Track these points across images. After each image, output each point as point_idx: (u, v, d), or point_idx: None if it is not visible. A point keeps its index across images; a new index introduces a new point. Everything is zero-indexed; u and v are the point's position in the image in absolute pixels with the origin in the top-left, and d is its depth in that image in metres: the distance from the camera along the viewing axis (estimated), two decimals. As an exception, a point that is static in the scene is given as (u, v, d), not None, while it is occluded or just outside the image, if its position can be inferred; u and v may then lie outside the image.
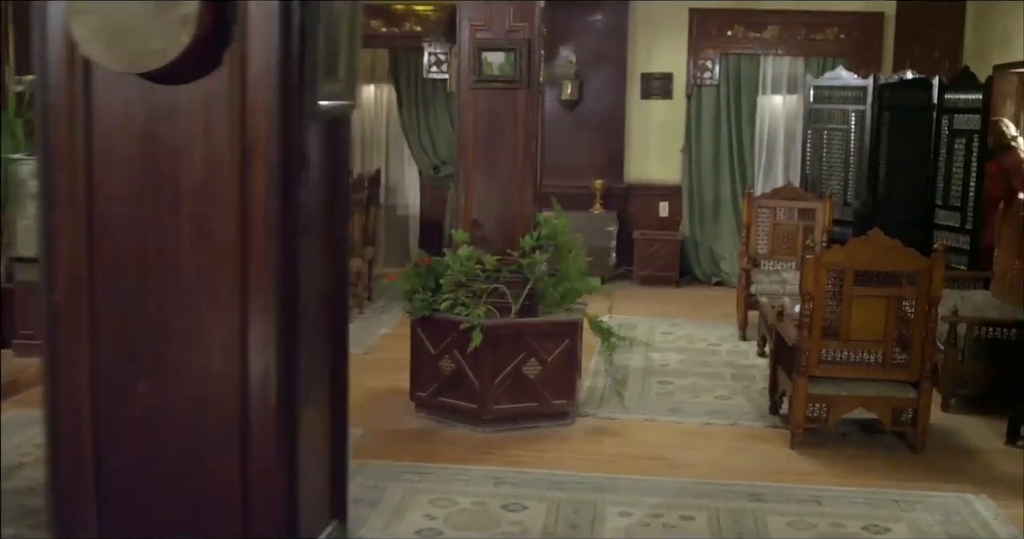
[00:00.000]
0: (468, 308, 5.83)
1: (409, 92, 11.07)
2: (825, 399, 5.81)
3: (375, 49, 11.20)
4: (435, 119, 11.11)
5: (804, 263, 5.69)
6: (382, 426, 6.22)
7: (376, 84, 11.37)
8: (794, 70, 10.62)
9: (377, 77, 11.32)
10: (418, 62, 11.06)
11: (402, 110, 11.18)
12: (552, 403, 6.13)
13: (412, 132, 11.11)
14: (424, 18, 10.99)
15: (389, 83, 11.27)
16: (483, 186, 6.13)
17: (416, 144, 11.13)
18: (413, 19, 10.83)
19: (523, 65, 5.94)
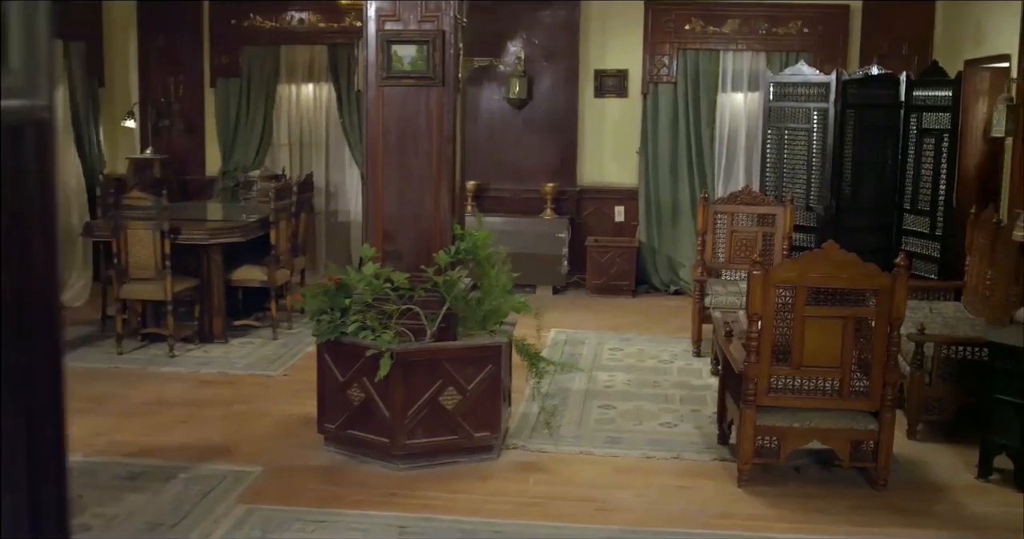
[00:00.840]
0: (374, 332, 5.19)
1: (349, 92, 10.43)
2: (776, 431, 5.20)
3: (314, 46, 10.57)
4: (377, 119, 10.44)
5: (750, 280, 5.07)
6: (284, 462, 5.58)
7: (315, 83, 10.73)
8: (756, 66, 10.03)
9: (315, 76, 10.68)
10: (359, 60, 10.40)
11: (342, 111, 10.53)
12: (473, 436, 5.50)
13: (353, 134, 10.47)
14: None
15: (328, 82, 10.60)
16: (394, 195, 5.50)
17: (357, 146, 10.48)
18: (353, 14, 10.17)
19: (437, 59, 5.31)
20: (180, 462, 5.54)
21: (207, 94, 10.88)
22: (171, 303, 7.65)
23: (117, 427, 6.14)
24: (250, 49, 10.63)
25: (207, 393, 6.86)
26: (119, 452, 5.70)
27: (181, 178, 10.92)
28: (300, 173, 10.32)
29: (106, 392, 6.85)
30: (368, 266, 5.29)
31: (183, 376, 7.25)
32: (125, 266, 7.62)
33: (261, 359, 7.67)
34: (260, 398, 6.75)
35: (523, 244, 10.07)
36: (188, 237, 7.71)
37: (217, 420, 6.29)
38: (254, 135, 10.72)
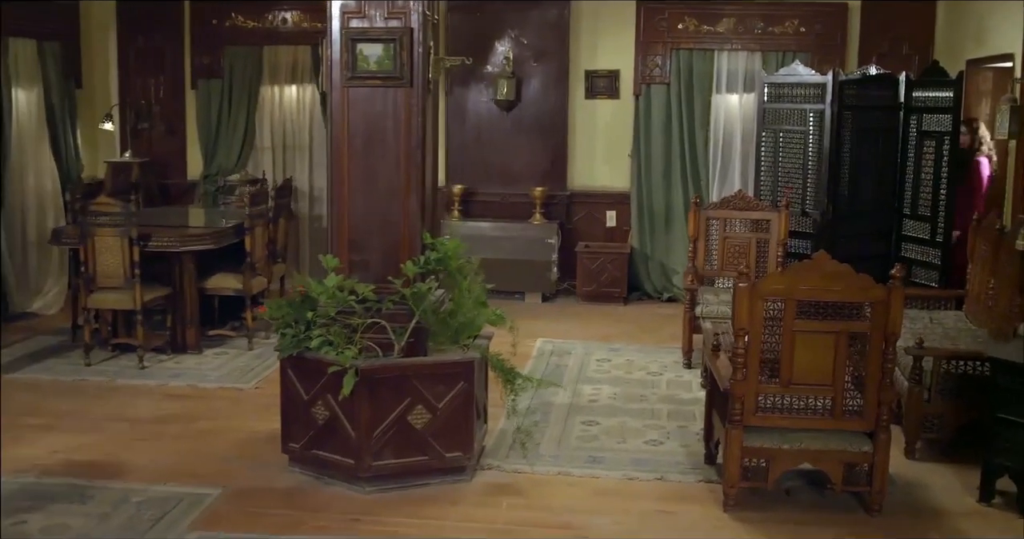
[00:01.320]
0: (337, 348, 4.89)
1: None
2: (764, 453, 4.90)
3: (297, 46, 10.27)
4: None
5: (736, 292, 4.76)
6: (246, 483, 5.29)
7: (298, 84, 10.42)
8: (751, 66, 9.71)
9: (299, 77, 10.37)
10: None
11: (326, 112, 10.18)
12: (445, 457, 5.20)
13: (337, 136, 10.13)
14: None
15: (312, 83, 10.30)
16: (360, 201, 5.21)
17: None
18: (338, 13, 9.84)
19: (405, 59, 5.01)
20: (136, 483, 5.25)
21: (188, 96, 10.58)
22: (140, 313, 7.36)
23: (75, 445, 5.85)
24: (232, 49, 10.33)
25: (173, 408, 6.56)
26: (73, 472, 5.41)
27: (162, 182, 10.62)
28: (283, 177, 10.02)
29: (69, 407, 6.56)
30: (330, 278, 5.00)
31: (151, 389, 6.95)
32: (93, 274, 7.32)
33: (233, 371, 7.37)
34: (227, 413, 6.45)
35: (512, 250, 9.81)
36: (158, 244, 7.41)
37: (179, 437, 6.00)
38: (236, 138, 10.42)
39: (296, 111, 10.49)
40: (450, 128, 10.14)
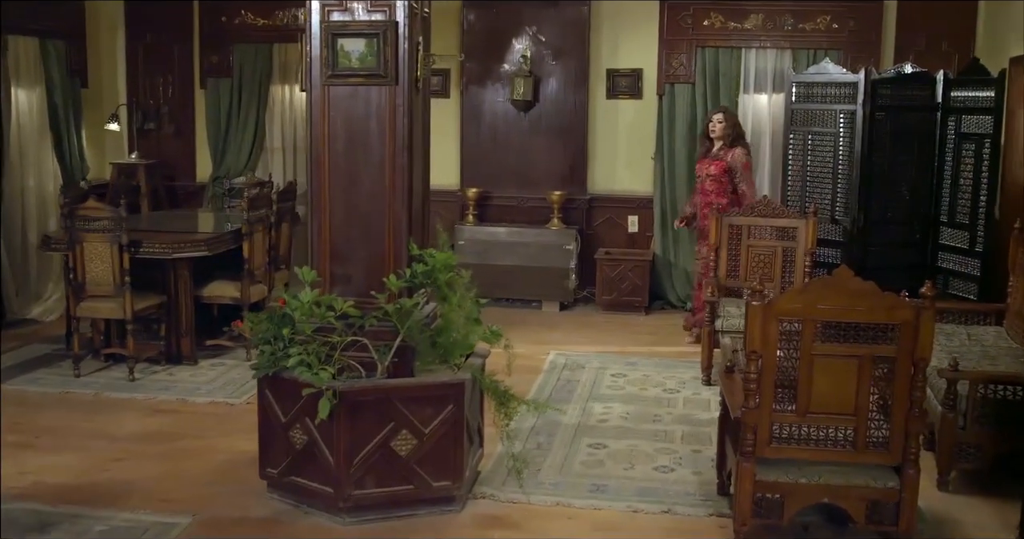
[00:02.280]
0: (311, 368, 4.50)
1: (346, 92, 9.74)
2: (779, 488, 4.45)
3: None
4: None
5: (748, 312, 4.33)
6: (220, 511, 4.93)
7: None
8: (781, 65, 9.24)
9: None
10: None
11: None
12: (432, 486, 4.80)
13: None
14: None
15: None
16: (342, 209, 4.82)
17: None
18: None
19: (389, 55, 4.62)
20: (103, 510, 4.90)
21: (197, 95, 10.27)
22: (131, 322, 7.02)
23: (49, 465, 5.51)
24: (241, 48, 10.01)
25: (158, 424, 6.22)
26: (40, 496, 5.06)
27: (169, 184, 10.32)
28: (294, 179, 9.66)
29: (50, 423, 6.23)
30: (306, 292, 4.61)
31: (138, 403, 6.61)
32: (82, 282, 7.00)
33: (227, 384, 7.01)
34: (213, 431, 6.09)
35: (528, 256, 9.42)
36: (149, 251, 7.07)
37: (159, 458, 5.64)
38: (246, 139, 10.09)
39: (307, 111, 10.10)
40: (465, 129, 9.75)
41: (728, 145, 8.06)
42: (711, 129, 8.13)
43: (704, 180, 8.13)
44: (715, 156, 8.09)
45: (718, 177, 8.03)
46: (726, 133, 8.05)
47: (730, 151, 8.04)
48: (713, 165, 8.07)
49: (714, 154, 8.10)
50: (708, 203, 7.95)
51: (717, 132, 8.08)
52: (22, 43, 8.90)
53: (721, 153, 8.07)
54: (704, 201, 8.05)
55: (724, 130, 8.05)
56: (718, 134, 8.09)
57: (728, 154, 8.04)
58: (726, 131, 8.05)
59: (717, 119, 8.10)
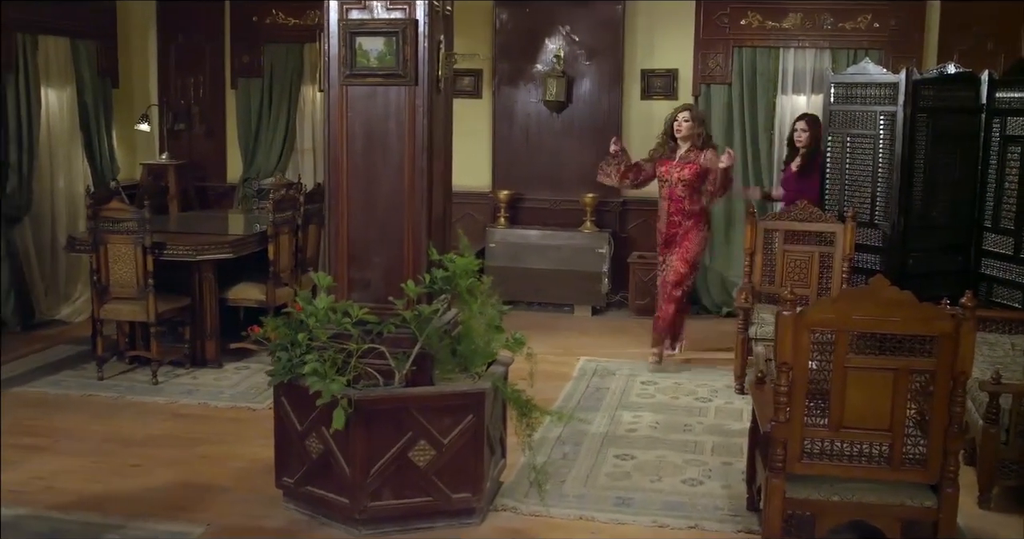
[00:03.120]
0: (324, 377, 4.37)
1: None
2: (810, 505, 4.26)
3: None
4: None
5: (778, 322, 4.15)
6: (234, 520, 4.82)
7: (341, 83, 9.95)
8: (820, 65, 9.01)
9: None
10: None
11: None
12: (451, 498, 4.66)
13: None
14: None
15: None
16: (360, 212, 4.69)
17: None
18: (382, 9, 9.38)
19: (408, 54, 4.48)
20: (114, 518, 4.80)
21: (228, 95, 10.20)
22: (155, 325, 6.94)
23: (64, 470, 5.43)
24: (272, 47, 9.93)
25: (177, 429, 6.13)
26: (52, 503, 4.98)
27: (200, 185, 10.26)
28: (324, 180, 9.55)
29: (70, 426, 6.16)
30: (321, 298, 4.48)
31: (159, 407, 6.52)
32: (106, 284, 6.93)
33: (250, 388, 6.91)
34: (232, 437, 5.98)
35: (560, 260, 9.26)
36: (173, 253, 6.98)
37: (176, 464, 5.54)
38: (276, 139, 10.01)
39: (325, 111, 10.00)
40: (497, 130, 9.61)
41: (698, 146, 7.36)
42: (676, 128, 7.36)
43: (674, 185, 7.40)
44: (684, 158, 7.38)
45: (691, 182, 7.35)
46: (694, 133, 7.35)
47: (701, 153, 7.33)
48: (686, 168, 7.35)
49: (683, 156, 7.38)
50: (680, 210, 7.43)
51: (683, 132, 7.35)
52: (52, 43, 8.86)
53: (691, 155, 7.36)
54: (675, 208, 7.44)
55: (691, 129, 7.33)
56: (684, 134, 7.35)
57: (700, 156, 7.33)
58: (693, 130, 7.34)
59: (683, 118, 7.36)
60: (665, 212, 7.54)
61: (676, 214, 7.45)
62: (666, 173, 7.45)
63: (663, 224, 7.57)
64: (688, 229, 7.45)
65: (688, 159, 7.37)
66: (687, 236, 7.46)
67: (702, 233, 7.55)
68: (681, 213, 7.44)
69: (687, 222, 7.44)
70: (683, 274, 7.50)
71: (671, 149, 7.46)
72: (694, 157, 7.36)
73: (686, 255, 7.47)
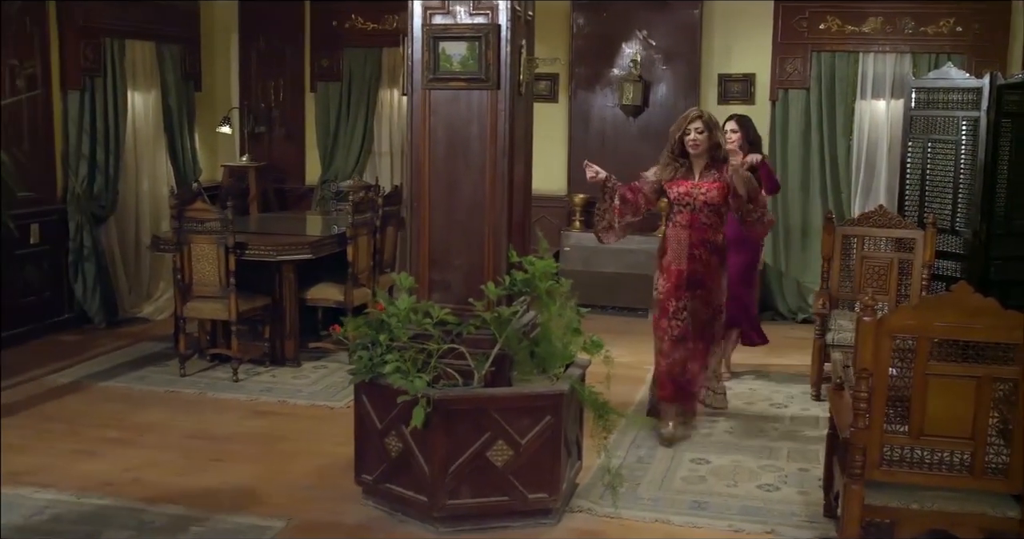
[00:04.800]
0: (407, 375, 4.44)
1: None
2: (889, 513, 4.24)
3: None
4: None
5: (859, 328, 4.13)
6: (315, 516, 4.91)
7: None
8: (900, 70, 8.92)
9: (419, 79, 10.00)
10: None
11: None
12: (528, 498, 4.70)
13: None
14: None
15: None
16: (442, 215, 4.76)
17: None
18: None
19: (491, 58, 4.54)
20: (199, 511, 4.92)
21: (308, 99, 10.36)
22: (236, 323, 7.08)
23: (149, 463, 5.57)
24: (351, 52, 10.07)
25: (257, 426, 6.25)
26: (139, 494, 5.12)
27: (279, 187, 10.44)
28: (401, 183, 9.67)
29: (154, 420, 6.32)
30: (403, 299, 4.56)
31: (240, 404, 6.66)
32: (189, 283, 7.09)
33: (328, 387, 7.03)
34: (312, 434, 6.09)
35: (635, 264, 9.26)
36: (254, 253, 7.13)
37: (257, 460, 5.66)
38: (355, 142, 10.15)
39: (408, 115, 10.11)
40: (573, 134, 9.65)
41: (718, 159, 5.85)
42: (691, 143, 5.79)
43: (698, 210, 5.80)
44: (706, 176, 5.81)
45: (719, 205, 5.81)
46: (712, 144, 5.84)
47: (724, 166, 5.84)
48: (712, 187, 5.77)
49: (703, 174, 5.82)
50: (703, 242, 5.80)
51: (701, 147, 5.79)
52: (139, 47, 9.08)
53: (713, 172, 5.79)
54: (698, 238, 5.79)
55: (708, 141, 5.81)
56: (702, 148, 5.81)
57: (724, 170, 5.81)
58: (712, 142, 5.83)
59: (697, 128, 5.79)
60: (684, 244, 5.83)
61: (699, 246, 5.82)
62: (685, 195, 5.82)
63: (678, 259, 5.85)
64: (713, 267, 5.87)
65: (710, 176, 5.80)
66: (713, 276, 5.88)
67: (724, 272, 6.01)
68: (705, 245, 5.82)
69: (711, 257, 5.84)
70: (724, 304, 6.07)
71: (684, 169, 5.86)
72: (717, 174, 5.79)
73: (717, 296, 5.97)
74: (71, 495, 5.07)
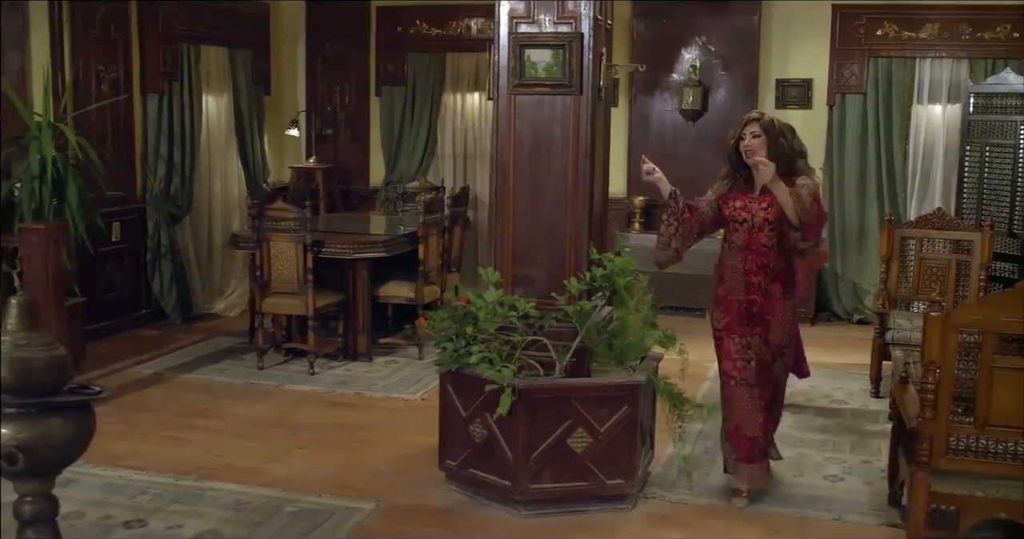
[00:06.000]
0: (496, 365, 4.69)
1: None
2: (954, 500, 4.43)
3: (479, 54, 10.18)
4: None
5: (927, 322, 4.33)
6: (401, 499, 5.16)
7: (480, 93, 10.33)
8: (956, 75, 9.06)
9: (482, 84, 10.28)
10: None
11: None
12: (606, 483, 4.94)
13: (518, 144, 10.01)
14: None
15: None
16: (525, 213, 5.01)
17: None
18: (522, 20, 9.74)
19: (574, 65, 4.79)
20: (290, 493, 5.19)
21: (372, 102, 10.66)
22: (313, 318, 7.37)
23: (237, 449, 5.86)
24: (415, 57, 10.35)
25: (336, 416, 6.52)
26: (231, 477, 5.40)
27: (344, 188, 10.73)
28: (464, 185, 9.94)
29: (237, 410, 6.61)
30: (490, 292, 4.81)
31: (318, 396, 6.94)
32: (268, 279, 7.39)
33: (401, 380, 7.30)
34: (389, 424, 6.36)
35: (695, 265, 9.25)
36: (331, 251, 7.42)
37: (339, 448, 5.93)
38: (418, 145, 10.43)
39: (477, 119, 10.42)
40: (633, 137, 9.87)
41: (784, 171, 4.83)
42: (745, 150, 4.94)
43: (757, 228, 4.94)
44: (769, 190, 4.84)
45: (777, 225, 4.90)
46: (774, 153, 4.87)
47: (792, 180, 4.84)
48: (774, 204, 4.86)
49: (765, 189, 4.88)
50: (762, 267, 4.95)
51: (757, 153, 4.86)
52: (212, 52, 9.40)
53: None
54: (756, 264, 4.96)
55: (764, 146, 4.89)
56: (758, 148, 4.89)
57: (792, 184, 4.81)
58: (774, 149, 4.88)
59: (752, 132, 4.95)
60: (739, 270, 5.01)
61: (757, 273, 4.97)
62: (743, 210, 4.99)
63: (736, 289, 5.04)
64: (775, 298, 4.98)
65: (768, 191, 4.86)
66: (774, 309, 4.98)
67: (790, 301, 5.09)
68: (765, 271, 4.96)
69: (772, 286, 4.96)
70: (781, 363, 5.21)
71: (743, 182, 5.06)
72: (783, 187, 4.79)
73: (780, 335, 5.06)
74: (168, 477, 5.37)
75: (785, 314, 5.02)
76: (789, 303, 5.05)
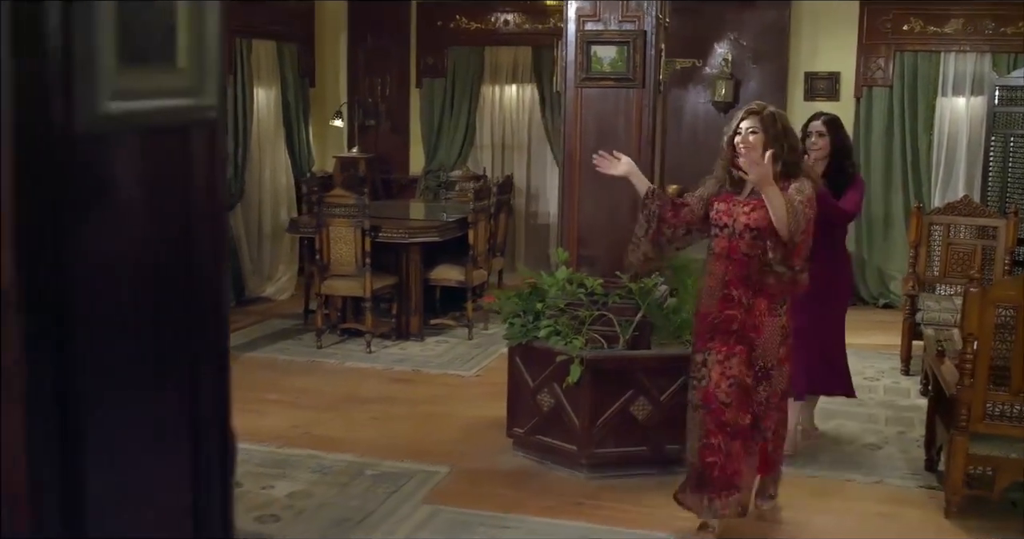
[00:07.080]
0: (566, 338, 5.09)
1: (552, 93, 10.36)
2: (990, 462, 4.82)
3: (518, 47, 10.57)
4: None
5: (966, 297, 4.72)
6: (472, 464, 5.56)
7: (518, 84, 10.72)
8: (980, 69, 9.43)
9: (519, 77, 10.67)
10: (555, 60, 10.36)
11: (545, 112, 10.52)
12: (664, 448, 5.34)
13: (555, 136, 10.41)
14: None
15: (532, 83, 10.61)
16: (590, 198, 5.40)
17: (559, 148, 10.40)
18: (558, 15, 10.07)
19: (637, 61, 5.17)
20: (370, 458, 5.59)
21: (413, 94, 11.05)
22: (370, 300, 7.77)
23: (313, 420, 6.26)
24: (455, 50, 10.74)
25: (399, 390, 6.93)
26: (313, 445, 5.80)
27: (385, 177, 11.13)
28: (501, 174, 10.33)
29: (305, 385, 7.01)
30: (561, 270, 5.21)
31: (378, 372, 7.35)
32: (327, 262, 7.78)
33: (455, 359, 7.70)
34: (450, 398, 6.76)
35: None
36: (388, 235, 7.82)
37: (407, 419, 6.34)
38: (457, 136, 10.82)
39: (515, 110, 10.81)
40: (666, 128, 10.22)
41: (781, 172, 4.24)
42: (740, 146, 4.37)
43: (736, 235, 4.36)
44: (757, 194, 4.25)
45: (763, 232, 4.26)
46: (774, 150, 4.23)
47: (788, 184, 4.24)
48: (758, 208, 4.25)
49: (754, 191, 4.32)
50: (741, 279, 4.35)
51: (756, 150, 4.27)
52: (262, 46, 9.79)
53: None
54: (735, 274, 4.36)
55: (761, 144, 4.28)
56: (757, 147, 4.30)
57: (787, 188, 4.22)
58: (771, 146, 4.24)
59: (749, 128, 4.36)
60: (719, 281, 4.43)
61: (738, 285, 4.37)
62: (724, 214, 4.42)
63: (709, 301, 4.48)
64: (759, 314, 4.36)
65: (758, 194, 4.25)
66: (758, 327, 4.37)
67: (779, 319, 4.40)
68: (744, 284, 4.36)
69: (756, 300, 4.34)
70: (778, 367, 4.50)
71: (731, 182, 4.51)
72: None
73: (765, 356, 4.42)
74: (253, 444, 5.77)
75: (773, 332, 4.37)
76: (778, 321, 4.37)
